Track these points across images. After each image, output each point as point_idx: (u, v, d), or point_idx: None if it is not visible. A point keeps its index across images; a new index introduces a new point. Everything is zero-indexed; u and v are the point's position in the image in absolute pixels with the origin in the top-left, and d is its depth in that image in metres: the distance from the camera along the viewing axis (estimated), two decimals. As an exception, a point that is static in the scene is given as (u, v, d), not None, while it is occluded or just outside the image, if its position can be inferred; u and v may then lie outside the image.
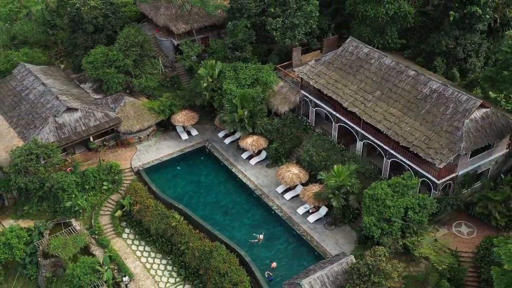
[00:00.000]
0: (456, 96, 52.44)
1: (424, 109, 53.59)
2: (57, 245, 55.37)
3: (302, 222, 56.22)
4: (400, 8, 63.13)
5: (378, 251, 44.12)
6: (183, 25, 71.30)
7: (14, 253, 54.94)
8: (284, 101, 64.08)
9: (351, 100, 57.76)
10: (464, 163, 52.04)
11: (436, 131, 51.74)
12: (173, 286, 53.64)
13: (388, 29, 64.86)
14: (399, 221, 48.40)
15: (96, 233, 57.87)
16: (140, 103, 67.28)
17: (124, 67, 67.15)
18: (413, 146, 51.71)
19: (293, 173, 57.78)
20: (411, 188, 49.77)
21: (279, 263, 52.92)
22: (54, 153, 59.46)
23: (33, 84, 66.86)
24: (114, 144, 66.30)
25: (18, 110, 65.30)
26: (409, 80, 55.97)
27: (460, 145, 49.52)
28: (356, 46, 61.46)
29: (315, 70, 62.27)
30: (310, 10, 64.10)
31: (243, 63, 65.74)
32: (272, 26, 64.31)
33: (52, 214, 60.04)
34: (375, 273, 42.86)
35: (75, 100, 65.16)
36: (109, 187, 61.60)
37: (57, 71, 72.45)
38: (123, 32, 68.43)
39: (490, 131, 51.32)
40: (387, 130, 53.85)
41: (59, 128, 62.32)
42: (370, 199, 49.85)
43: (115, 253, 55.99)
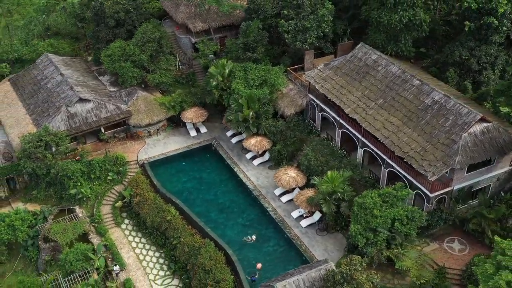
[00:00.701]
0: (457, 109, 51.12)
1: (424, 120, 52.48)
2: (57, 230, 57.31)
3: (294, 225, 56.08)
4: (415, 16, 61.86)
5: (354, 260, 43.63)
6: (201, 23, 72.24)
7: (16, 234, 57.19)
8: (291, 104, 64.03)
9: (354, 106, 57.16)
10: (460, 178, 50.64)
11: (433, 143, 50.57)
12: (161, 279, 54.57)
13: (402, 37, 63.67)
14: (385, 232, 47.66)
15: (96, 221, 59.52)
16: (152, 98, 68.67)
17: (139, 62, 68.68)
18: (408, 156, 50.74)
19: (290, 176, 57.70)
20: (401, 199, 48.90)
21: (266, 265, 52.97)
22: (62, 141, 61.50)
23: (52, 74, 69.38)
24: (124, 136, 67.98)
25: (36, 98, 67.90)
26: (413, 89, 54.91)
27: (454, 159, 48.25)
28: (366, 53, 60.76)
29: (323, 74, 61.95)
30: (323, 14, 63.77)
31: (253, 63, 66.03)
32: (284, 28, 64.35)
33: (58, 200, 62.12)
34: (348, 282, 42.38)
35: (90, 91, 67.15)
36: (113, 177, 63.16)
37: (78, 63, 74.82)
38: (141, 27, 70.02)
39: (489, 146, 49.75)
40: (384, 139, 53.03)
41: (71, 117, 64.40)
42: (359, 207, 49.35)
43: (111, 242, 57.37)
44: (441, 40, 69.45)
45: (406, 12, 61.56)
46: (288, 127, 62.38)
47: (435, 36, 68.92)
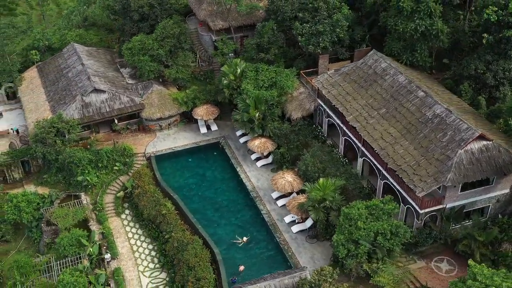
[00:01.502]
0: (456, 124, 49.21)
1: (422, 133, 50.83)
2: (58, 214, 59.30)
3: (285, 230, 55.62)
4: (433, 25, 59.84)
5: (324, 270, 42.98)
6: (221, 21, 72.63)
7: (21, 215, 59.54)
8: (298, 108, 63.44)
9: (356, 114, 56.06)
10: (454, 196, 48.73)
11: (427, 157, 48.91)
12: (150, 271, 55.38)
13: (418, 46, 61.77)
14: (367, 245, 46.51)
15: (98, 209, 61.12)
16: (166, 93, 69.71)
17: (157, 56, 69.83)
18: (400, 169, 49.31)
19: (287, 180, 57.24)
20: (387, 213, 47.57)
21: (250, 267, 52.80)
22: (73, 129, 63.48)
23: (74, 63, 71.67)
24: (136, 128, 69.40)
25: (56, 86, 70.35)
26: (416, 101, 53.28)
27: (446, 176, 46.48)
28: (376, 60, 59.44)
29: (332, 80, 61.06)
30: (337, 18, 62.73)
31: (266, 64, 65.83)
32: (298, 31, 63.76)
33: (66, 185, 64.13)
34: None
35: (106, 82, 68.88)
36: (120, 168, 64.61)
37: (103, 54, 76.87)
38: (161, 23, 71.18)
39: (487, 165, 47.59)
40: (380, 149, 51.74)
41: (85, 106, 66.33)
42: (344, 217, 48.41)
43: (108, 231, 58.71)
44: (467, 52, 66.89)
45: (423, 21, 59.65)
46: (293, 131, 61.85)
47: (460, 48, 66.44)
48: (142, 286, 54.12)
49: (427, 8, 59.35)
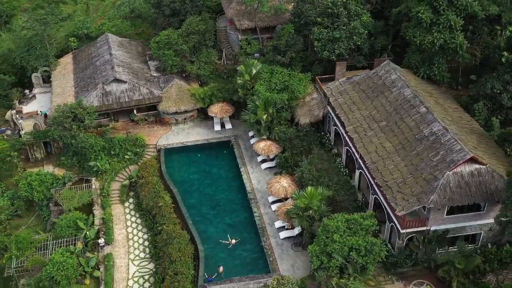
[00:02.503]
0: (450, 144, 47.01)
1: (415, 150, 48.95)
2: (65, 196, 61.82)
3: (273, 235, 55.25)
4: (453, 39, 57.29)
5: (284, 279, 42.36)
6: (247, 21, 72.86)
7: (33, 193, 62.60)
8: (307, 113, 62.69)
9: (356, 125, 54.76)
10: (439, 219, 46.62)
11: (415, 176, 47.07)
12: (139, 260, 56.66)
13: (435, 60, 59.35)
14: (339, 259, 45.41)
15: (103, 195, 63.22)
16: (186, 88, 70.84)
17: (181, 52, 71.09)
18: (386, 185, 47.79)
19: (282, 185, 56.74)
20: (365, 228, 46.21)
21: (232, 268, 52.82)
22: (90, 116, 65.87)
23: (103, 53, 74.31)
24: (153, 120, 71.01)
25: (84, 73, 73.24)
26: (417, 116, 51.33)
27: (429, 197, 44.57)
28: (387, 71, 57.73)
29: (341, 87, 59.90)
30: (354, 26, 61.34)
31: (282, 67, 65.47)
32: (315, 36, 62.90)
33: (80, 169, 66.73)
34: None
35: (129, 73, 70.91)
36: (131, 157, 66.41)
37: (135, 45, 79.16)
38: (188, 19, 72.39)
39: (476, 190, 45.18)
40: (371, 163, 50.34)
41: (105, 95, 68.66)
42: (323, 228, 47.54)
43: (108, 217, 60.62)
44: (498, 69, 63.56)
45: (441, 34, 57.28)
46: (298, 136, 61.19)
47: (491, 64, 63.18)
48: (129, 273, 55.53)
49: (447, 21, 56.97)
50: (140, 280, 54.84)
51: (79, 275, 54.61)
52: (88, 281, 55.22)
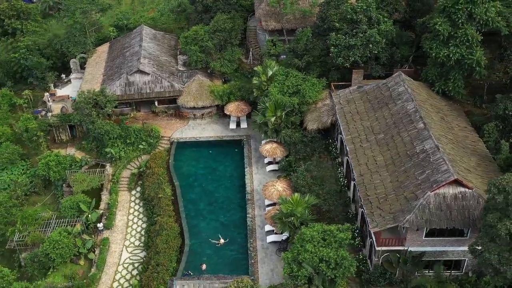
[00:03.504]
0: (437, 163, 45.02)
1: (404, 167, 47.25)
2: (77, 178, 64.49)
3: (261, 238, 55.09)
4: (471, 54, 54.62)
5: (242, 282, 42.21)
6: (274, 22, 72.63)
7: (50, 173, 65.71)
8: (315, 119, 61.81)
9: (355, 135, 53.51)
10: (417, 240, 44.77)
11: (398, 193, 45.49)
12: (133, 248, 58.19)
13: (451, 75, 56.79)
14: (309, 269, 44.61)
15: (113, 181, 65.33)
16: (206, 84, 71.67)
17: (206, 48, 72.02)
18: (367, 200, 46.51)
19: (276, 189, 56.34)
20: (338, 241, 45.13)
21: (214, 266, 53.13)
22: (110, 104, 68.15)
23: (134, 44, 76.56)
24: (173, 113, 72.41)
25: (114, 62, 75.81)
26: (413, 132, 49.49)
27: (405, 216, 42.94)
28: (397, 83, 55.93)
29: (350, 96, 58.67)
30: (370, 34, 59.73)
31: (297, 70, 64.88)
32: (332, 41, 61.83)
33: (97, 154, 69.32)
34: (227, 302, 41.45)
35: (154, 66, 72.63)
36: (144, 147, 68.14)
37: (168, 39, 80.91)
38: (216, 16, 73.18)
39: (458, 215, 43.06)
40: (358, 176, 49.05)
41: (128, 85, 70.77)
42: (299, 236, 46.93)
43: (113, 203, 62.63)
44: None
45: (458, 49, 54.75)
46: (302, 141, 60.46)
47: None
48: (121, 259, 57.22)
49: (465, 35, 54.37)
50: (129, 267, 56.39)
51: (74, 255, 57.03)
52: (82, 262, 57.40)
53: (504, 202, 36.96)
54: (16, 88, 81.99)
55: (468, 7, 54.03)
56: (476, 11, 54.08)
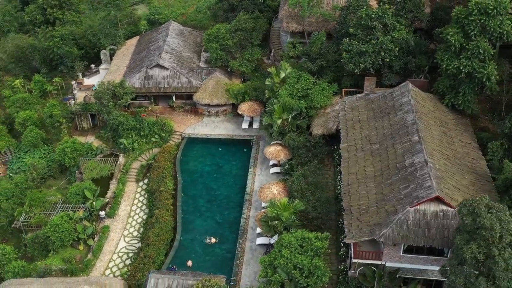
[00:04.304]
0: (423, 179, 43.57)
1: (391, 179, 46.00)
2: (89, 166, 66.50)
3: (251, 239, 55.02)
4: (483, 68, 52.39)
5: (209, 282, 42.35)
6: (295, 24, 72.07)
7: (65, 159, 68.04)
8: (321, 125, 60.98)
9: (352, 143, 52.50)
10: (395, 256, 43.53)
11: (379, 206, 44.36)
12: (130, 238, 59.45)
13: (461, 88, 54.66)
14: (282, 275, 44.31)
15: (122, 172, 66.91)
16: (223, 82, 72.02)
17: (226, 46, 72.44)
18: (348, 210, 45.62)
19: (272, 192, 55.98)
20: (315, 249, 44.53)
21: (200, 264, 53.54)
22: (127, 96, 69.78)
23: (160, 39, 77.97)
24: (189, 109, 73.28)
25: (138, 55, 77.48)
26: (407, 144, 48.06)
27: (381, 230, 41.83)
28: (402, 93, 54.40)
29: (356, 103, 57.57)
30: (381, 41, 58.31)
31: (309, 74, 64.23)
32: (344, 46, 60.81)
33: (113, 144, 71.18)
34: (192, 300, 41.76)
35: (175, 61, 73.69)
36: (157, 140, 69.37)
37: (194, 36, 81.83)
38: (238, 15, 73.43)
39: (436, 234, 41.57)
40: (346, 185, 48.12)
41: (147, 78, 72.21)
42: (279, 241, 46.66)
43: (119, 192, 64.22)
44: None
45: (469, 61, 52.65)
46: (305, 146, 59.74)
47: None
48: (117, 248, 58.60)
49: (477, 48, 52.20)
50: (124, 256, 57.68)
51: (74, 240, 58.89)
52: (81, 247, 59.22)
53: (472, 224, 35.36)
54: (50, 75, 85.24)
55: (481, 18, 51.86)
56: (490, 23, 51.83)
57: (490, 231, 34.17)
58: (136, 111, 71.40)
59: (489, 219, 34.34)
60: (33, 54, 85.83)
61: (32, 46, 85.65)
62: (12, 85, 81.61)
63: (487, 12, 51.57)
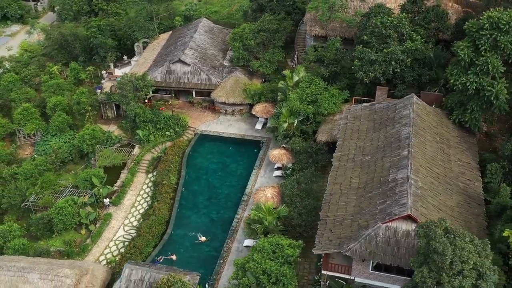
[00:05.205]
0: (400, 195, 42.11)
1: (371, 193, 44.79)
2: (103, 154, 68.60)
3: (239, 240, 54.96)
4: (491, 85, 49.91)
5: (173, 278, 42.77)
6: (318, 28, 71.13)
7: (83, 145, 70.48)
8: (326, 131, 60.03)
9: (345, 153, 51.47)
10: (364, 272, 42.39)
11: (354, 219, 43.32)
12: (129, 227, 60.76)
13: (469, 105, 52.24)
14: (251, 278, 44.20)
15: (135, 162, 68.56)
16: (242, 82, 72.15)
17: (248, 46, 72.57)
18: (323, 220, 44.82)
19: (265, 195, 55.73)
20: (285, 256, 44.06)
21: (186, 259, 54.12)
22: (146, 88, 71.39)
23: (187, 35, 79.10)
24: (207, 105, 73.98)
25: (166, 50, 79.02)
26: (395, 159, 46.58)
27: (348, 244, 40.84)
28: (405, 105, 52.69)
29: (359, 112, 56.30)
30: (391, 51, 56.60)
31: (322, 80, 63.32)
32: (357, 53, 59.52)
33: (131, 134, 73.05)
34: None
35: (198, 58, 74.52)
36: (171, 134, 70.53)
37: (224, 34, 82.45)
38: (263, 16, 73.35)
39: (405, 253, 40.08)
40: (328, 195, 47.26)
41: (168, 73, 73.52)
42: (255, 247, 46.51)
43: (127, 182, 65.87)
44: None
45: (477, 78, 50.25)
46: (306, 151, 58.98)
47: None
48: (115, 235, 60.10)
49: (486, 64, 49.75)
50: (120, 244, 59.03)
51: (76, 224, 60.97)
52: (83, 232, 61.17)
53: (426, 247, 33.88)
54: (88, 64, 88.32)
55: (493, 33, 49.35)
56: (501, 39, 49.25)
57: (441, 256, 32.63)
58: (154, 104, 72.81)
59: (442, 243, 32.79)
60: (74, 43, 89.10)
61: (74, 35, 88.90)
62: (50, 70, 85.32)
63: (499, 27, 49.03)
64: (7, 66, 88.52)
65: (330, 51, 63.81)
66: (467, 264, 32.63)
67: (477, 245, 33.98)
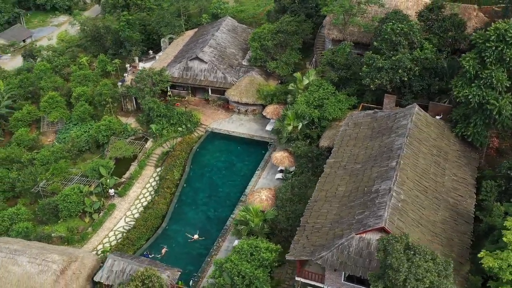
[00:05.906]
0: (378, 207, 41.15)
1: (353, 203, 43.95)
2: (115, 145, 70.13)
3: (230, 240, 54.93)
4: (495, 100, 47.99)
5: (148, 271, 43.32)
6: (336, 32, 70.16)
7: (99, 136, 72.25)
8: (329, 137, 59.07)
9: (338, 160, 50.71)
10: (336, 282, 41.72)
11: (332, 228, 42.68)
12: (130, 218, 61.76)
13: (472, 119, 50.38)
14: (226, 279, 44.25)
15: (145, 155, 69.73)
16: (257, 82, 72.08)
17: (266, 47, 72.44)
18: (302, 226, 44.32)
19: (260, 197, 55.55)
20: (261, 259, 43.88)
21: (176, 255, 54.70)
22: (162, 83, 72.43)
23: (209, 32, 79.68)
24: (221, 104, 74.32)
25: (187, 46, 79.93)
26: (383, 169, 45.54)
27: (320, 253, 40.28)
28: (405, 115, 51.39)
29: (361, 119, 55.31)
30: (398, 59, 55.20)
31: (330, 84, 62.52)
32: (366, 59, 58.44)
33: (146, 127, 74.32)
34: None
35: (216, 56, 75.02)
36: (183, 130, 71.29)
37: (246, 33, 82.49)
38: (282, 17, 73.05)
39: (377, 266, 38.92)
40: (312, 202, 46.72)
41: (186, 69, 74.35)
42: (235, 248, 46.58)
43: (135, 174, 67.10)
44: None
45: (481, 91, 48.42)
46: (306, 156, 58.34)
47: None
48: (116, 226, 61.31)
49: (490, 77, 47.87)
50: (119, 235, 60.14)
51: (80, 212, 62.57)
52: (87, 220, 62.68)
53: (383, 262, 32.99)
54: (117, 56, 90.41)
55: (499, 46, 47.37)
56: (507, 52, 47.22)
57: (395, 272, 31.70)
58: (169, 100, 73.79)
59: (398, 259, 31.88)
60: (106, 35, 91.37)
61: (107, 28, 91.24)
62: (80, 61, 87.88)
63: (505, 39, 47.04)
64: (44, 55, 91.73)
65: (340, 55, 62.84)
66: (422, 283, 31.58)
67: (439, 263, 32.81)
